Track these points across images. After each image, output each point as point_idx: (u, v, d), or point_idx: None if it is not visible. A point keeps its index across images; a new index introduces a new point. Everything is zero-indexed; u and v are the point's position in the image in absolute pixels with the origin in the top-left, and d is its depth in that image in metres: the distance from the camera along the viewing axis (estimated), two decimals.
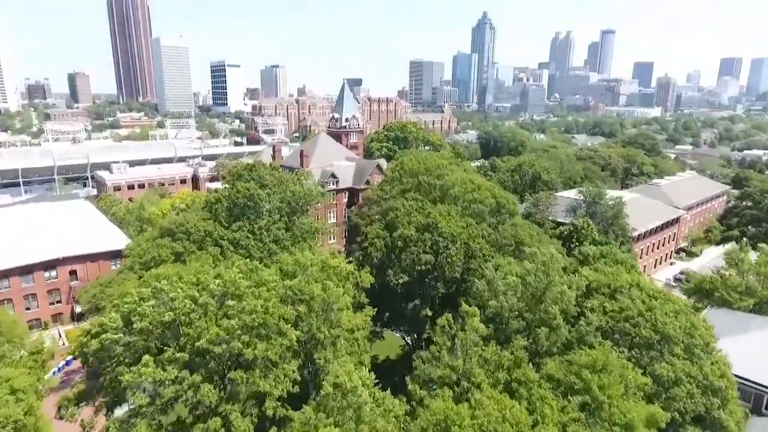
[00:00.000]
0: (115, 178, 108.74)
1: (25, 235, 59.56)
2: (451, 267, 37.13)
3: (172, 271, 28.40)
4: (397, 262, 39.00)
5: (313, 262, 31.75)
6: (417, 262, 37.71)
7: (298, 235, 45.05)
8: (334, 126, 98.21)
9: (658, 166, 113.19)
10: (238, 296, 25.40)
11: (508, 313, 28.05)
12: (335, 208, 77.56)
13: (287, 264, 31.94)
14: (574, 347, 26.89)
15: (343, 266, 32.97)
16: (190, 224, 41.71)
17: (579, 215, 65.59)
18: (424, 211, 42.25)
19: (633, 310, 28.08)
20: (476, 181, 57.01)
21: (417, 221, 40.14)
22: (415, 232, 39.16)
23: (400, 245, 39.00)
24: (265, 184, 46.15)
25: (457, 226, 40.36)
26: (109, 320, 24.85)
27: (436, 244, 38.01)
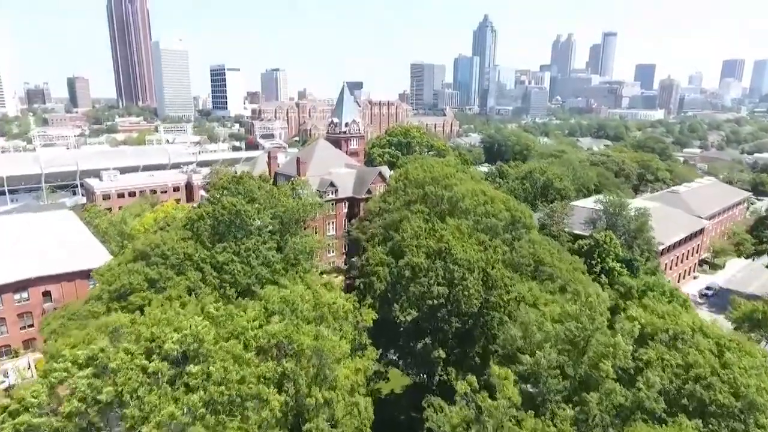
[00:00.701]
0: (104, 186, 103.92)
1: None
2: (468, 300, 31.94)
3: (125, 319, 23.32)
4: (404, 294, 33.71)
5: (305, 298, 26.63)
6: (428, 295, 32.43)
7: (292, 257, 39.91)
8: (334, 131, 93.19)
9: (673, 172, 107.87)
10: (203, 357, 20.29)
11: (547, 371, 22.82)
12: (334, 219, 72.42)
13: (272, 302, 26.78)
14: (632, 417, 21.58)
15: (340, 303, 27.82)
16: (167, 246, 36.57)
17: (599, 228, 60.38)
18: (435, 234, 36.95)
19: (703, 366, 22.71)
20: (488, 193, 51.88)
21: (427, 246, 34.88)
22: (425, 259, 33.92)
23: (408, 275, 33.73)
24: (254, 199, 41.04)
25: (474, 251, 35.09)
26: (31, 393, 19.51)
27: (449, 273, 32.76)
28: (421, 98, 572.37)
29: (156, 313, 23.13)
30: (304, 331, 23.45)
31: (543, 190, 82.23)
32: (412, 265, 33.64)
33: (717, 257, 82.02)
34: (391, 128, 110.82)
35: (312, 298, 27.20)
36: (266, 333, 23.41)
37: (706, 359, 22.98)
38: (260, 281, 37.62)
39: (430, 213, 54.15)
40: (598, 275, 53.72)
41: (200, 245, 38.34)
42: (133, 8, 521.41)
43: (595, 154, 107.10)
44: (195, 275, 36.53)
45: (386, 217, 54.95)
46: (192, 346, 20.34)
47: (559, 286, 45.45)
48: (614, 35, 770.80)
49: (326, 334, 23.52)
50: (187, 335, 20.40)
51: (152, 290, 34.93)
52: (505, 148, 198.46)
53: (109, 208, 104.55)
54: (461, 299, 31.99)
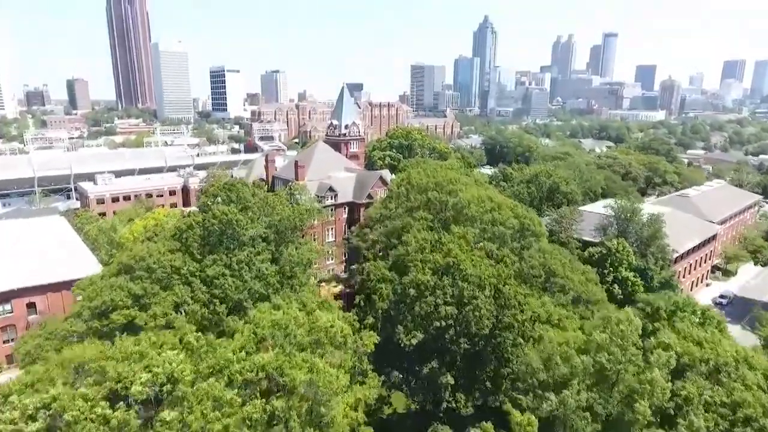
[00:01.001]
0: (97, 190, 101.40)
1: None
2: (478, 322, 29.34)
3: (92, 352, 20.72)
4: (409, 314, 31.05)
5: (299, 321, 24.06)
6: (434, 316, 29.78)
7: (287, 269, 37.34)
8: (333, 134, 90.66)
9: (681, 174, 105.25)
10: (178, 401, 17.70)
11: (575, 412, 20.20)
12: (334, 225, 69.86)
13: (263, 326, 24.19)
14: None
15: (338, 326, 25.24)
16: (153, 259, 34.02)
17: (610, 234, 57.78)
18: (441, 247, 34.33)
19: (753, 406, 19.95)
20: (495, 199, 49.35)
21: (433, 261, 32.24)
22: (432, 276, 31.26)
23: (413, 294, 31.07)
24: (247, 207, 38.51)
25: (485, 266, 32.48)
26: None
27: (458, 290, 30.12)
28: (421, 99, 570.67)
29: (127, 345, 20.59)
30: (297, 362, 20.86)
31: (549, 194, 79.64)
32: (417, 283, 31.01)
33: (729, 263, 79.43)
34: (392, 130, 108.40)
35: (306, 321, 24.66)
36: (254, 364, 20.85)
37: (756, 397, 20.26)
38: (253, 296, 35.06)
39: (434, 220, 51.64)
40: (611, 285, 51.21)
41: (189, 257, 35.80)
42: (132, 10, 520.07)
43: (601, 157, 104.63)
44: (183, 290, 33.99)
45: (387, 225, 52.47)
46: (165, 388, 17.79)
47: (571, 299, 42.91)
48: (615, 36, 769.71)
49: (322, 366, 20.92)
50: (159, 374, 17.80)
51: (136, 307, 32.38)
52: (506, 149, 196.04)
53: (103, 213, 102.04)
54: (471, 320, 29.39)
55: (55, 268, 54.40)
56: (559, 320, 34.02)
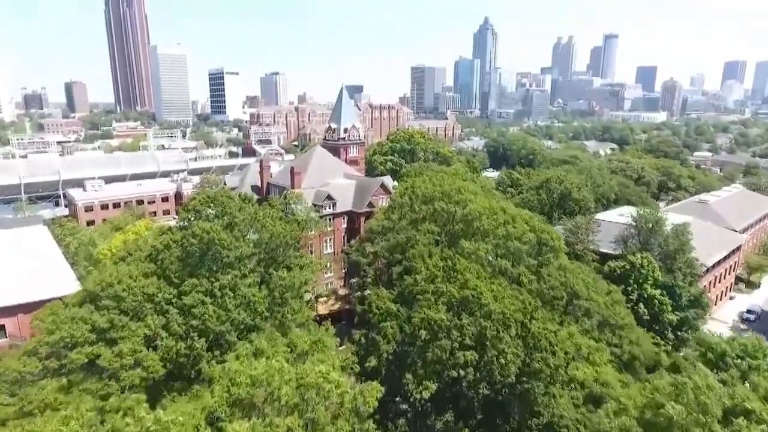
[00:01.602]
0: (86, 197, 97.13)
1: None
2: (503, 368, 24.81)
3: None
4: (419, 359, 26.38)
5: (284, 375, 19.61)
6: (451, 362, 25.04)
7: (278, 295, 32.86)
8: (331, 138, 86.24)
9: (695, 179, 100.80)
10: None
11: None
12: (332, 236, 65.37)
13: (239, 383, 19.65)
14: None
15: (334, 380, 20.69)
16: (123, 285, 29.57)
17: (631, 246, 53.27)
18: (455, 274, 29.79)
19: None
20: (509, 211, 44.89)
21: (448, 293, 27.68)
22: (446, 312, 26.68)
23: (424, 336, 26.41)
24: (233, 223, 34.08)
25: (510, 300, 27.97)
26: None
27: (479, 330, 25.58)
28: (421, 101, 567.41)
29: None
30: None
31: (560, 201, 75.24)
32: (429, 322, 26.44)
33: (752, 274, 74.91)
34: (394, 134, 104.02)
35: (294, 377, 20.16)
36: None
37: None
38: (237, 327, 30.59)
39: (441, 233, 47.21)
40: (635, 304, 46.71)
41: (165, 282, 31.34)
42: (131, 12, 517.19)
43: (612, 161, 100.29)
44: (157, 321, 29.50)
45: (390, 238, 48.01)
46: None
47: (596, 323, 38.46)
48: (615, 37, 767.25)
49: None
50: None
51: (101, 343, 27.92)
52: (510, 152, 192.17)
53: (91, 221, 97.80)
54: (495, 368, 24.90)
55: (29, 286, 49.85)
56: (588, 354, 29.62)
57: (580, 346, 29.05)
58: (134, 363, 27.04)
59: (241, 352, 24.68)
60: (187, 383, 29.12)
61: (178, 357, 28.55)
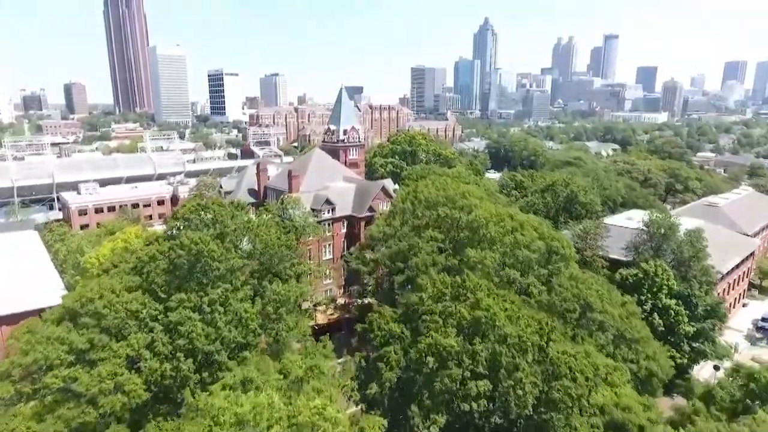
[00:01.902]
0: (79, 201, 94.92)
1: None
2: (520, 399, 22.57)
3: None
4: (427, 389, 24.10)
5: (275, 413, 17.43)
6: (461, 393, 22.73)
7: (271, 310, 30.68)
8: (330, 139, 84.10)
9: (702, 180, 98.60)
10: None
11: None
12: (332, 241, 63.19)
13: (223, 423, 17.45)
14: None
15: (331, 416, 18.47)
16: (105, 300, 27.39)
17: (643, 253, 51.04)
18: (465, 292, 27.54)
19: None
20: (517, 217, 42.67)
21: (458, 314, 25.41)
22: (456, 336, 24.32)
23: (432, 364, 24.06)
24: (224, 234, 31.91)
25: (526, 320, 25.73)
26: None
27: (493, 356, 23.31)
28: (422, 102, 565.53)
29: None
30: None
31: (566, 204, 73.02)
32: (437, 348, 24.12)
33: (765, 279, 72.63)
34: (395, 135, 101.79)
35: (286, 415, 17.97)
36: None
37: None
38: (228, 346, 28.39)
39: (445, 240, 45.05)
40: (649, 314, 44.48)
41: (150, 297, 29.14)
42: (130, 13, 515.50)
43: (617, 162, 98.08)
44: (141, 339, 27.31)
45: (391, 245, 45.85)
46: None
47: (611, 337, 36.24)
48: (615, 38, 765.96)
49: None
50: None
51: (79, 365, 25.73)
52: (511, 153, 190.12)
53: (86, 225, 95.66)
54: (511, 399, 22.65)
55: (14, 296, 47.72)
56: (607, 374, 27.46)
57: (598, 367, 26.91)
58: (114, 387, 24.86)
59: (227, 381, 22.48)
60: (173, 407, 26.91)
61: (163, 379, 26.37)
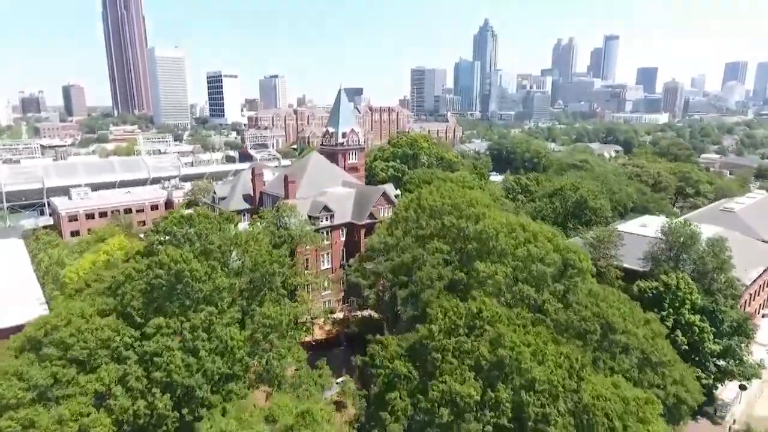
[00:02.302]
0: (70, 206, 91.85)
1: None
2: None
3: None
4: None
5: None
6: None
7: (261, 336, 27.55)
8: (329, 143, 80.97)
9: (714, 184, 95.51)
10: None
11: None
12: (330, 249, 60.03)
13: None
14: None
15: None
16: (73, 328, 24.26)
17: (663, 263, 47.84)
18: (482, 325, 24.27)
19: None
20: (529, 227, 39.52)
21: (475, 352, 22.04)
22: (475, 380, 21.06)
23: (447, 417, 20.66)
24: (209, 250, 28.81)
25: (556, 360, 22.44)
26: None
27: (521, 406, 20.08)
28: (422, 104, 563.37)
29: None
30: None
31: (575, 209, 69.91)
32: (452, 396, 20.79)
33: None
34: (396, 138, 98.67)
35: None
36: None
37: None
38: (212, 379, 25.24)
39: (451, 252, 41.94)
40: (671, 331, 41.26)
41: (125, 322, 26.00)
42: (128, 14, 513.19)
43: (626, 165, 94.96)
44: (112, 371, 24.16)
45: (394, 257, 42.74)
46: None
47: (636, 361, 33.06)
48: (616, 39, 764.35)
49: None
50: None
51: (40, 404, 22.57)
52: (513, 155, 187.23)
53: (76, 231, 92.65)
54: None
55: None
56: (638, 409, 24.34)
57: (629, 401, 23.81)
58: (79, 431, 21.70)
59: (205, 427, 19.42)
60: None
61: (136, 418, 23.22)
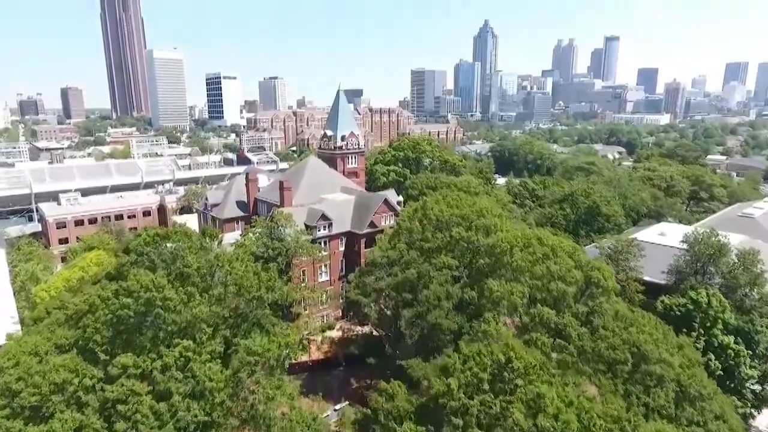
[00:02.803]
0: (58, 212, 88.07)
1: None
2: None
3: None
4: None
5: None
6: None
7: (244, 375, 23.78)
8: (327, 146, 77.19)
9: (728, 188, 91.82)
10: None
11: None
12: (328, 260, 56.31)
13: None
14: None
15: None
16: (21, 369, 20.55)
17: (689, 277, 44.08)
18: (516, 383, 20.26)
19: None
20: (547, 241, 35.76)
21: (511, 422, 17.97)
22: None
23: None
24: (186, 275, 25.10)
25: (605, 424, 18.69)
26: None
27: None
28: (422, 105, 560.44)
29: None
30: None
31: (587, 216, 66.21)
32: None
33: None
34: (398, 141, 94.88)
35: None
36: None
37: None
38: (185, 430, 21.50)
39: (460, 267, 38.27)
40: (703, 354, 37.45)
41: (87, 360, 22.26)
42: (127, 16, 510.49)
43: (637, 168, 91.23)
44: (68, 421, 20.40)
45: (397, 272, 39.08)
46: None
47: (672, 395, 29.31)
48: (616, 39, 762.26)
49: None
50: None
51: None
52: (516, 157, 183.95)
53: (65, 239, 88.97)
54: None
55: None
56: None
57: None
58: None
59: None
60: None
61: None
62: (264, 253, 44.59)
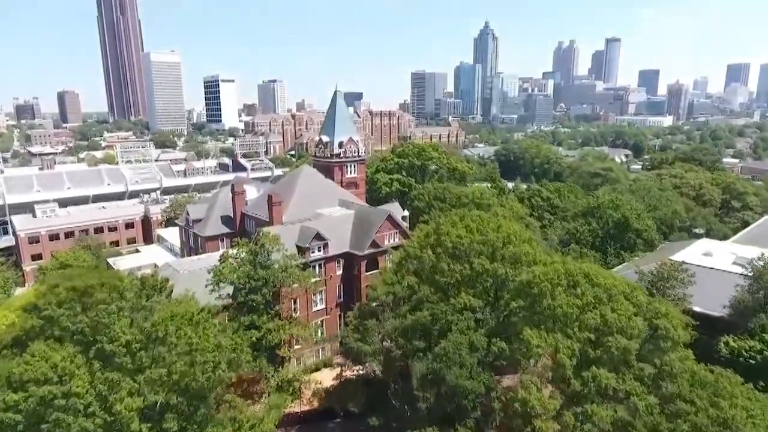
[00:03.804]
0: (30, 226, 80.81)
1: None
2: None
3: None
4: None
5: None
6: None
7: None
8: (323, 154, 69.64)
9: (759, 195, 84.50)
10: None
11: None
12: (324, 287, 48.85)
13: None
14: None
15: None
16: None
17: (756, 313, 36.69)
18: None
19: None
20: (599, 279, 28.24)
21: None
22: None
23: None
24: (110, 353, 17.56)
25: None
26: None
27: None
28: (422, 108, 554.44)
29: None
30: None
31: (616, 231, 58.83)
32: None
33: None
34: (401, 147, 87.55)
35: None
36: None
37: None
38: None
39: (485, 310, 30.91)
40: None
41: None
42: (124, 19, 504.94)
43: (663, 176, 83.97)
44: None
45: (407, 315, 31.74)
46: None
47: None
48: (617, 41, 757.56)
49: None
50: None
51: None
52: (522, 161, 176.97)
53: (38, 255, 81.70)
54: None
55: None
56: None
57: None
58: None
59: None
60: None
61: None
62: (245, 284, 37.32)
